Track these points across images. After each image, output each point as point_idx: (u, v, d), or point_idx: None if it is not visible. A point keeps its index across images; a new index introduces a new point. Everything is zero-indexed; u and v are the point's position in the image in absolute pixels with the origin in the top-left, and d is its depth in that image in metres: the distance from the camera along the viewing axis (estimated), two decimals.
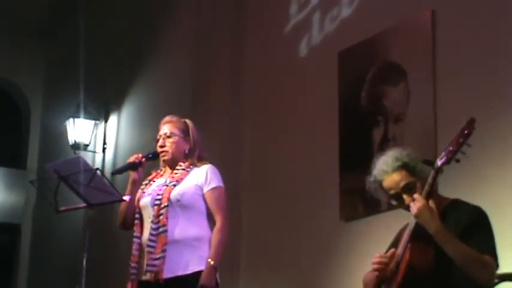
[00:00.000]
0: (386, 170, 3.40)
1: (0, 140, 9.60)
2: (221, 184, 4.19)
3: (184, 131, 4.30)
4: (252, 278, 6.18)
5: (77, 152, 8.15)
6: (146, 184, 4.27)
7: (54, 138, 9.06)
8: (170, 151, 4.24)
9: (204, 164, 4.23)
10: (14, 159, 9.80)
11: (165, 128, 4.29)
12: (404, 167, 3.39)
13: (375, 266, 3.37)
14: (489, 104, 4.60)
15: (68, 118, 8.36)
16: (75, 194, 4.21)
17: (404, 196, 3.36)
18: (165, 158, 4.26)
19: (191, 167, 4.22)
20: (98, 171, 4.11)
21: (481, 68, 4.73)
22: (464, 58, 4.84)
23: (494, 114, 4.53)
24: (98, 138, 8.37)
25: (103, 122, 8.35)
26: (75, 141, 8.29)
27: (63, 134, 8.45)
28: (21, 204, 9.57)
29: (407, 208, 3.33)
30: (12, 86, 9.86)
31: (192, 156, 4.26)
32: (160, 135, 4.28)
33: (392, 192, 3.40)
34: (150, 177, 4.31)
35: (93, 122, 8.33)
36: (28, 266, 9.45)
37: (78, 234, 7.77)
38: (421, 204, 3.21)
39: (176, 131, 4.27)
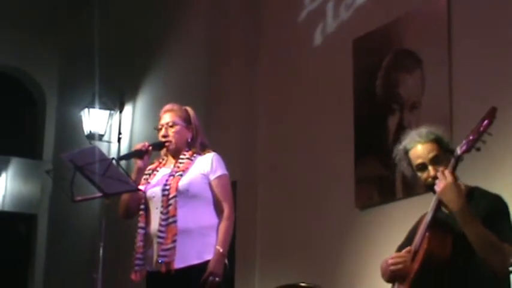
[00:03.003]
0: (418, 139, 3.35)
1: (16, 130, 9.65)
2: (226, 172, 4.20)
3: (186, 120, 4.28)
4: (268, 266, 6.18)
5: (92, 142, 8.17)
6: (149, 174, 4.26)
7: (70, 128, 9.10)
8: (174, 141, 4.23)
9: (207, 152, 4.24)
10: (30, 150, 9.85)
11: (166, 117, 4.28)
12: (438, 140, 3.34)
13: (392, 268, 3.35)
14: (505, 92, 4.58)
15: (83, 108, 8.38)
16: (91, 184, 4.22)
17: (430, 167, 3.29)
18: (169, 147, 4.25)
19: (195, 155, 4.22)
20: (114, 161, 4.11)
21: (497, 55, 4.70)
22: (480, 45, 4.81)
23: (511, 102, 4.50)
24: (113, 128, 8.39)
25: (118, 112, 8.37)
26: (90, 131, 8.32)
27: (79, 124, 8.48)
28: (37, 195, 9.62)
29: (430, 184, 3.28)
30: (27, 76, 9.90)
31: (195, 144, 4.26)
32: (162, 125, 4.27)
33: (419, 161, 3.32)
34: (152, 167, 4.29)
35: (108, 112, 8.35)
36: (45, 256, 9.50)
37: (94, 224, 7.80)
38: (447, 182, 3.15)
39: (178, 120, 4.25)
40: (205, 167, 4.17)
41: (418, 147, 3.34)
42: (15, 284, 9.55)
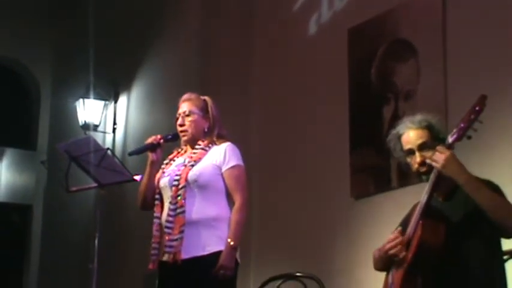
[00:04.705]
0: (410, 126, 3.37)
1: (10, 121, 9.62)
2: (240, 163, 4.12)
3: (203, 109, 4.22)
4: (263, 256, 6.19)
5: (87, 132, 8.15)
6: (166, 163, 4.21)
7: (64, 119, 9.08)
8: (190, 130, 4.17)
9: (223, 142, 4.17)
10: (25, 140, 9.82)
11: (184, 106, 4.22)
12: (429, 128, 3.35)
13: (391, 252, 3.31)
14: (500, 81, 4.58)
15: (77, 99, 8.36)
16: (86, 174, 4.21)
17: (417, 153, 3.31)
18: (185, 137, 4.19)
19: (210, 145, 4.15)
20: (109, 151, 4.10)
21: (492, 44, 4.71)
22: (475, 34, 4.81)
23: (505, 91, 4.50)
24: (107, 118, 8.38)
25: (113, 103, 8.35)
26: (85, 121, 8.30)
27: (73, 114, 8.46)
28: (32, 185, 9.61)
29: (418, 170, 3.29)
30: (22, 67, 9.87)
31: (212, 134, 4.20)
32: (179, 114, 4.21)
33: (408, 146, 3.34)
34: (170, 156, 4.25)
35: (102, 102, 8.33)
36: (40, 246, 9.49)
37: (89, 214, 7.80)
38: (447, 154, 3.14)
39: (195, 109, 4.19)
40: (218, 157, 4.10)
41: (409, 133, 3.36)
42: (11, 274, 9.55)
